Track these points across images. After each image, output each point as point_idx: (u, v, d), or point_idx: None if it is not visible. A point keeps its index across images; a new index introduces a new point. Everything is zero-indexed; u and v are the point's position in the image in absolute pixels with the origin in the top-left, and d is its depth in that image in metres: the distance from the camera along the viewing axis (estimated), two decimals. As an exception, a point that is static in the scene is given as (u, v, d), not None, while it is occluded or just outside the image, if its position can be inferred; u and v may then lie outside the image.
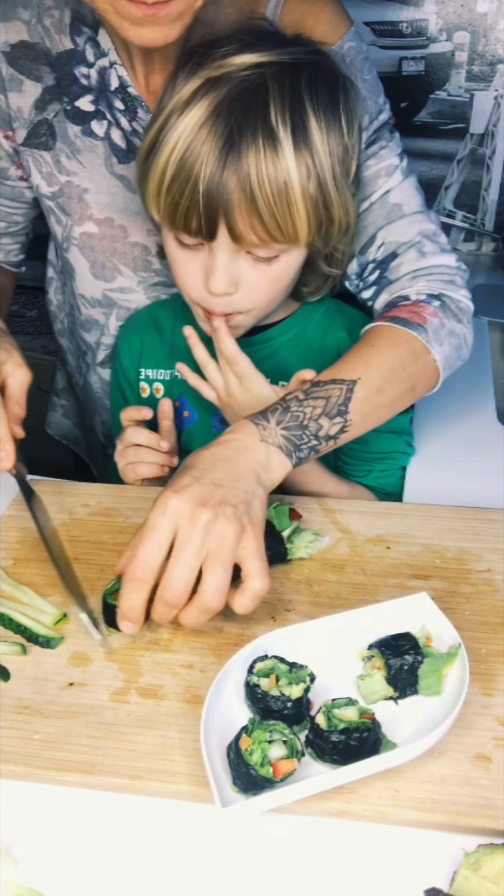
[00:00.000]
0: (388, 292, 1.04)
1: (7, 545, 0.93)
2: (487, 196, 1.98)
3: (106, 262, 1.15)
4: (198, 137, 0.85)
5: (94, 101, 1.05)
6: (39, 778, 0.68)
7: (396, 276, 1.03)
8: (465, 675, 0.69)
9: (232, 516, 0.73)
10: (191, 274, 0.95)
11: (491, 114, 1.92)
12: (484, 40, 1.88)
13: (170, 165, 0.87)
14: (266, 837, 0.63)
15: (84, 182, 1.09)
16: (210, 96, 0.84)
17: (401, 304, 0.99)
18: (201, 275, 0.94)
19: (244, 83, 0.84)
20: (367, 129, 1.01)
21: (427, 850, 0.62)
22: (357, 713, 0.66)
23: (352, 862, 0.62)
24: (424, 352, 0.94)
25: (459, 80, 1.92)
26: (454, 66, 1.91)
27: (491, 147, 1.94)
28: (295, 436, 0.83)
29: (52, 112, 1.06)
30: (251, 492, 0.77)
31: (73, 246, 1.15)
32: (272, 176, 0.85)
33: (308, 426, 0.84)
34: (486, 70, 1.90)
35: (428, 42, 1.91)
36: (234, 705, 0.71)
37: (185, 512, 0.73)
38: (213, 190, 0.85)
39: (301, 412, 0.84)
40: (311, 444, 0.84)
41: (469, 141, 1.94)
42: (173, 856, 0.62)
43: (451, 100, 1.94)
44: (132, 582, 0.73)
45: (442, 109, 1.95)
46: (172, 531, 0.73)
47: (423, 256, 1.02)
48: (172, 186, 0.87)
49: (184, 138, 0.85)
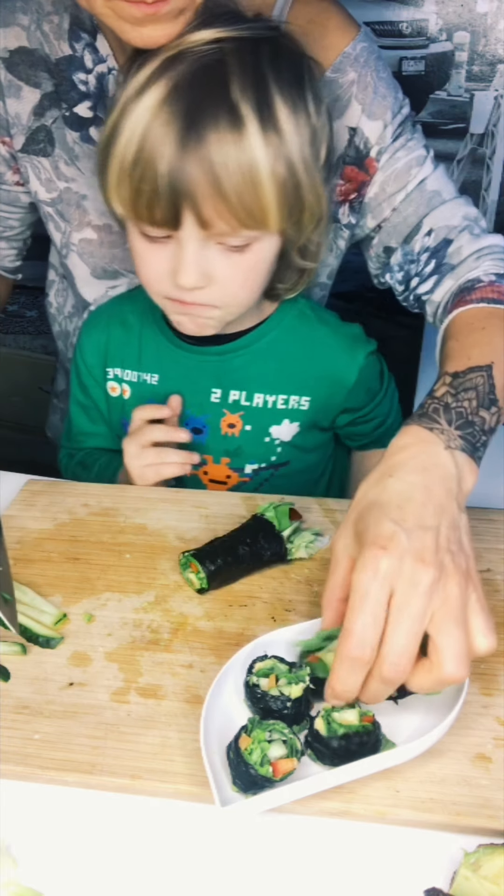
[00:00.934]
0: (454, 277, 1.00)
1: (7, 545, 0.93)
2: (487, 196, 1.98)
3: (107, 266, 1.15)
4: (156, 121, 0.80)
5: (93, 108, 1.05)
6: (39, 778, 0.68)
7: (459, 260, 1.01)
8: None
9: (454, 572, 0.63)
10: (157, 268, 0.89)
11: (491, 114, 1.92)
12: (484, 40, 1.88)
13: (128, 152, 0.82)
14: (266, 837, 0.63)
15: (83, 188, 1.09)
16: (167, 76, 0.80)
17: (477, 286, 0.95)
18: (169, 268, 0.88)
19: (202, 59, 0.80)
20: (392, 123, 1.01)
21: (427, 850, 0.62)
22: (357, 716, 0.66)
23: (352, 862, 0.62)
24: None
25: (459, 80, 1.92)
26: (454, 66, 1.91)
27: (491, 147, 1.94)
28: (469, 434, 0.73)
29: (50, 118, 1.06)
30: (459, 525, 0.67)
31: (72, 252, 1.14)
32: (237, 157, 0.80)
33: (474, 421, 0.75)
34: (486, 70, 1.90)
35: (428, 42, 1.91)
36: (234, 705, 0.71)
37: (403, 573, 0.61)
38: (175, 175, 0.80)
39: (462, 408, 0.75)
40: (483, 441, 0.75)
41: (469, 141, 1.94)
42: (173, 856, 0.62)
43: (451, 100, 1.94)
44: (348, 662, 0.62)
45: (442, 109, 1.95)
46: (388, 596, 0.62)
47: (478, 238, 1.01)
48: (133, 174, 0.82)
49: (142, 122, 0.81)
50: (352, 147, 1.02)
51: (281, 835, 0.64)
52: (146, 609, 0.84)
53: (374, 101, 1.00)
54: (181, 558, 0.86)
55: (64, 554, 0.92)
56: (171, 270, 0.88)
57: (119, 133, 0.83)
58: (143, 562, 0.90)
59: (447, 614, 0.61)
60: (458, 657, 0.61)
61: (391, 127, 1.01)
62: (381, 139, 1.01)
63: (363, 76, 1.00)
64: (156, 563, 0.90)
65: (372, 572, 0.61)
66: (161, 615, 0.83)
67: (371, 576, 0.61)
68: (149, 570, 0.89)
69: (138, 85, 0.82)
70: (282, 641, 0.74)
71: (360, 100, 1.00)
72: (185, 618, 0.82)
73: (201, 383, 1.06)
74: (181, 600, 0.85)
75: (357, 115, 1.01)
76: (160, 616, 0.83)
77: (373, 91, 1.00)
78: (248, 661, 0.71)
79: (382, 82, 1.01)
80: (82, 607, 0.84)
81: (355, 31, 1.02)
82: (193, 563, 0.84)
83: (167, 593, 0.86)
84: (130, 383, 1.11)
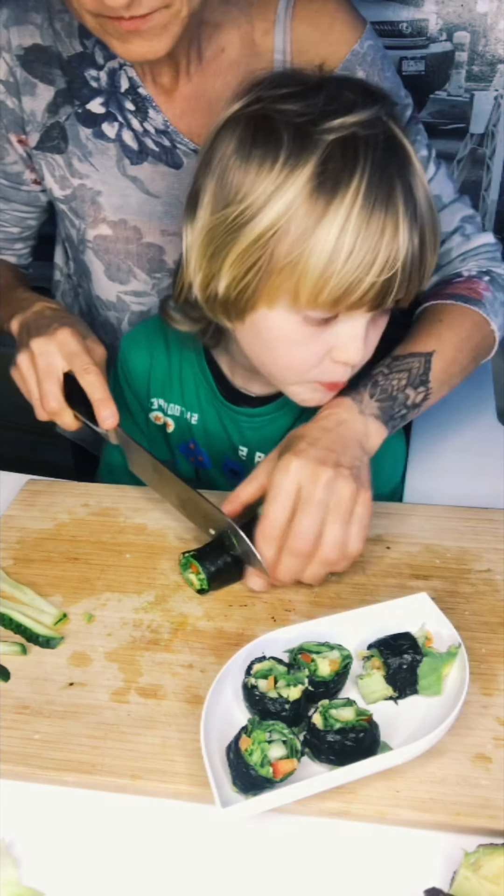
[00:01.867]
0: (440, 275, 1.07)
1: (7, 545, 0.93)
2: (487, 196, 1.98)
3: (121, 264, 1.15)
4: (377, 206, 0.75)
5: (105, 104, 1.06)
6: (39, 778, 0.68)
7: (447, 261, 1.07)
8: (464, 675, 0.69)
9: (349, 476, 0.80)
10: (312, 355, 0.84)
11: (491, 114, 1.92)
12: (484, 40, 1.88)
13: (345, 242, 0.75)
14: (266, 837, 0.63)
15: (97, 185, 1.09)
16: (359, 161, 0.74)
17: (455, 281, 1.04)
18: (323, 351, 0.84)
19: (387, 140, 0.77)
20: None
21: (427, 850, 0.62)
22: (354, 714, 0.66)
23: (352, 862, 0.62)
24: (485, 323, 1.00)
25: (459, 80, 1.92)
26: (454, 66, 1.91)
27: (491, 147, 1.94)
28: (387, 406, 0.90)
29: (63, 115, 1.06)
30: (359, 458, 0.84)
31: (88, 249, 1.15)
32: (431, 222, 0.80)
33: (397, 397, 0.91)
34: (486, 70, 1.90)
35: (428, 42, 1.91)
36: (234, 706, 0.71)
37: (306, 471, 0.80)
38: (408, 258, 0.78)
39: (389, 385, 0.91)
40: (402, 413, 0.91)
41: (469, 141, 1.94)
42: (173, 855, 0.62)
43: (451, 100, 1.94)
44: (266, 539, 0.81)
45: (442, 109, 1.95)
46: (297, 490, 0.80)
47: (467, 240, 1.07)
48: (351, 266, 0.75)
49: (357, 212, 0.74)
50: None
51: (281, 835, 0.64)
52: (146, 609, 0.84)
53: None
54: (181, 559, 0.86)
55: (64, 554, 0.92)
56: (326, 350, 0.84)
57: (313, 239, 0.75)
58: (143, 562, 0.90)
59: (335, 511, 0.80)
60: (335, 545, 0.80)
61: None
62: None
63: (370, 76, 1.01)
64: (156, 563, 0.90)
65: (284, 471, 0.80)
66: (161, 615, 0.83)
67: (284, 474, 0.80)
68: (149, 570, 0.89)
69: (312, 173, 0.75)
70: (280, 642, 0.74)
71: None
72: (185, 618, 0.82)
73: (232, 438, 1.06)
74: (181, 600, 0.85)
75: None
76: (160, 616, 0.83)
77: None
78: (246, 663, 0.71)
79: (387, 82, 1.03)
80: (82, 607, 0.84)
81: (362, 26, 1.02)
82: (194, 563, 0.84)
83: (167, 593, 0.86)
84: (174, 417, 1.10)
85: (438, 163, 1.06)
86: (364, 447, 0.87)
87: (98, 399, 0.91)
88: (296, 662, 0.72)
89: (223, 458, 1.07)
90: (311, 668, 0.71)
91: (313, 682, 0.70)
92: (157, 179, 1.08)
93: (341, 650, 0.72)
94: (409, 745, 0.64)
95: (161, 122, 1.05)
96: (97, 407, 0.91)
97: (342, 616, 0.76)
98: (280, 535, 0.80)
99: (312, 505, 0.79)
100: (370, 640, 0.74)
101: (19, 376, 0.95)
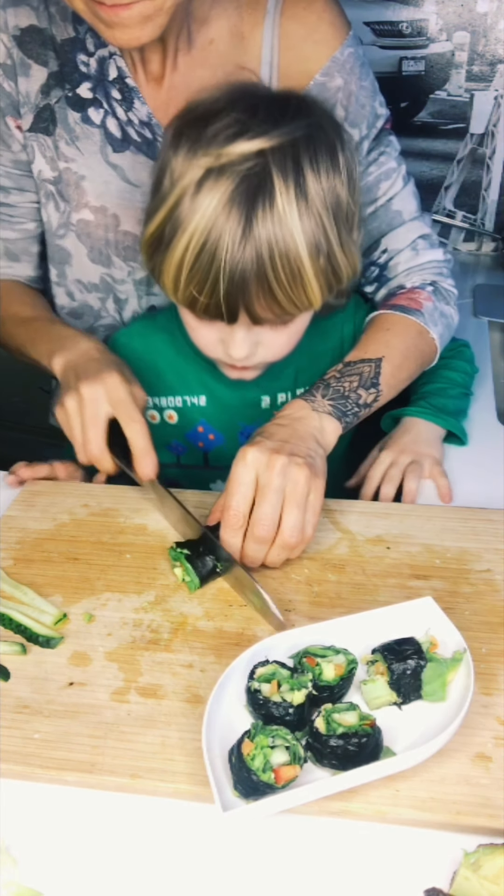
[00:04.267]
0: (387, 287, 1.16)
1: (7, 545, 0.93)
2: (487, 196, 1.98)
3: (102, 249, 1.16)
4: (213, 233, 0.84)
5: (93, 90, 1.07)
6: (39, 777, 0.68)
7: (395, 274, 1.15)
8: (469, 682, 0.68)
9: (302, 464, 0.85)
10: (209, 338, 0.98)
11: (491, 114, 1.92)
12: (484, 40, 1.88)
13: (187, 259, 0.87)
14: (266, 837, 0.63)
15: (81, 169, 1.11)
16: (218, 189, 0.84)
17: (399, 292, 1.13)
18: (219, 338, 0.97)
19: (250, 174, 0.83)
20: (368, 137, 1.08)
21: (427, 850, 0.62)
22: (357, 718, 0.66)
23: (352, 862, 0.62)
24: (425, 332, 1.09)
25: (459, 80, 1.92)
26: (454, 66, 1.91)
27: (491, 147, 1.94)
28: (340, 404, 0.96)
29: (54, 97, 1.08)
30: (314, 449, 0.89)
31: (70, 232, 1.15)
32: (283, 255, 0.85)
33: (349, 396, 0.98)
34: (486, 70, 1.89)
35: (428, 42, 1.91)
36: (236, 709, 0.70)
37: (262, 460, 0.84)
38: (234, 281, 0.86)
39: (341, 386, 0.98)
40: (354, 411, 0.98)
41: (469, 141, 1.94)
42: (173, 855, 0.62)
43: (451, 100, 1.94)
44: (229, 529, 0.85)
45: (442, 109, 1.95)
46: (255, 479, 0.84)
47: (416, 255, 1.15)
48: (191, 280, 0.88)
49: (198, 234, 0.85)
50: None
51: (281, 834, 0.64)
52: (146, 609, 0.84)
53: (354, 109, 1.06)
54: (171, 552, 0.88)
55: (64, 554, 0.92)
56: (222, 340, 0.96)
57: (174, 239, 0.87)
58: (142, 562, 0.90)
59: (291, 497, 0.84)
60: (294, 529, 0.83)
61: (367, 141, 1.08)
62: (358, 150, 1.07)
63: (348, 83, 1.05)
64: (156, 563, 0.90)
65: (242, 462, 0.85)
66: (161, 615, 0.83)
67: (241, 465, 0.85)
68: (149, 570, 0.89)
69: (186, 191, 0.85)
70: (284, 645, 0.74)
71: (344, 106, 1.06)
72: (185, 617, 0.82)
73: (249, 395, 1.11)
74: (181, 600, 0.85)
75: (340, 120, 1.02)
76: (160, 616, 0.83)
77: (354, 100, 1.06)
78: (249, 666, 0.71)
79: (364, 91, 1.07)
80: (82, 607, 0.84)
81: (346, 30, 1.05)
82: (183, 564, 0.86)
83: (167, 593, 0.86)
84: (176, 409, 1.14)
85: (407, 178, 1.13)
86: (319, 441, 0.92)
87: (140, 448, 0.94)
88: (300, 666, 0.72)
89: (238, 429, 1.10)
90: (315, 672, 0.71)
91: (317, 686, 0.70)
92: (138, 169, 1.10)
93: (347, 654, 0.72)
94: (411, 750, 0.64)
95: (145, 115, 1.08)
96: (139, 457, 0.94)
97: (346, 619, 0.75)
98: (242, 524, 0.84)
99: (270, 492, 0.83)
100: (374, 645, 0.73)
101: (65, 418, 0.97)
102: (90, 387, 0.94)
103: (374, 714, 0.68)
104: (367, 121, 1.07)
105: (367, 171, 1.09)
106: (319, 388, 0.98)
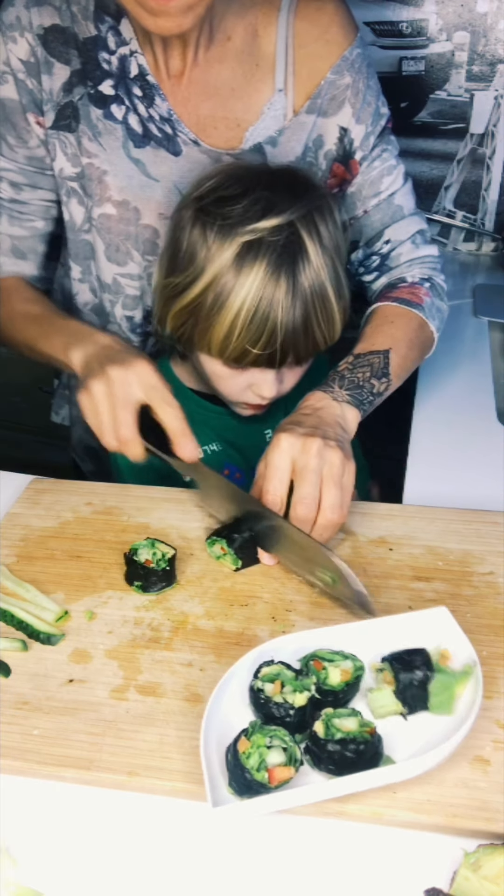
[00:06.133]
0: (388, 276, 1.21)
1: (10, 542, 0.93)
2: (487, 196, 1.98)
3: (120, 244, 1.17)
4: (264, 298, 0.94)
5: (114, 87, 1.09)
6: (37, 773, 0.68)
7: (397, 264, 1.20)
8: (477, 696, 0.67)
9: (336, 446, 0.88)
10: (239, 385, 1.05)
11: (491, 114, 1.92)
12: (484, 40, 1.88)
13: (240, 322, 0.95)
14: (265, 837, 0.63)
15: (104, 164, 1.12)
16: (261, 259, 0.94)
17: (400, 285, 1.17)
18: (248, 383, 1.04)
19: (286, 242, 0.95)
20: (373, 133, 1.13)
21: (427, 850, 0.62)
22: (357, 724, 0.65)
23: (351, 862, 0.62)
24: (425, 325, 1.13)
25: (459, 80, 1.92)
26: (454, 66, 1.92)
27: (491, 147, 1.94)
28: (356, 393, 1.01)
29: (77, 95, 1.09)
30: (341, 434, 0.93)
31: (93, 227, 1.17)
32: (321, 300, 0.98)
33: (364, 386, 1.02)
34: (486, 70, 1.90)
35: (428, 42, 1.91)
36: (238, 708, 0.70)
37: (297, 445, 0.88)
38: (287, 333, 0.97)
39: (355, 377, 1.02)
40: (370, 399, 1.02)
41: (469, 141, 1.94)
42: (171, 853, 0.62)
43: (451, 100, 1.94)
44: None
45: (442, 109, 1.95)
46: (290, 464, 0.88)
47: (416, 248, 1.20)
48: (245, 338, 0.96)
49: (249, 299, 0.95)
50: (341, 145, 1.13)
51: (280, 834, 0.64)
52: (147, 607, 0.84)
53: (361, 107, 1.11)
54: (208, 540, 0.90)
55: (67, 552, 0.92)
56: (251, 385, 1.05)
57: (223, 305, 0.96)
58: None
59: (329, 477, 0.87)
60: (335, 505, 0.87)
61: (372, 136, 1.13)
62: (364, 145, 1.13)
63: (356, 82, 1.10)
64: (156, 562, 0.90)
65: (277, 448, 0.89)
66: (162, 614, 0.83)
67: (276, 451, 0.88)
68: (149, 569, 0.89)
69: (227, 266, 0.95)
70: (291, 647, 0.73)
71: (352, 103, 1.11)
72: (185, 616, 0.82)
73: (254, 431, 1.17)
74: (182, 599, 0.85)
75: (348, 117, 1.11)
76: (161, 614, 0.83)
77: (362, 98, 1.11)
78: (255, 665, 0.71)
79: (370, 91, 1.12)
80: (84, 605, 0.84)
81: (355, 32, 1.11)
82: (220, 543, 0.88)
83: (168, 592, 0.86)
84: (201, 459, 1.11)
85: (406, 176, 1.19)
86: (343, 426, 0.96)
87: (179, 430, 0.92)
88: (306, 668, 0.71)
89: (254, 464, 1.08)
90: (320, 675, 0.70)
91: (322, 690, 0.69)
92: (158, 164, 1.11)
93: (355, 661, 0.71)
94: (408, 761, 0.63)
95: (165, 111, 1.09)
96: (179, 439, 0.92)
97: (358, 625, 0.75)
98: (281, 508, 0.87)
99: (309, 472, 0.86)
100: (386, 653, 0.72)
101: (90, 402, 0.93)
102: (119, 370, 0.92)
103: (378, 723, 0.68)
104: (372, 119, 1.12)
105: (371, 165, 1.15)
106: (335, 379, 1.01)
